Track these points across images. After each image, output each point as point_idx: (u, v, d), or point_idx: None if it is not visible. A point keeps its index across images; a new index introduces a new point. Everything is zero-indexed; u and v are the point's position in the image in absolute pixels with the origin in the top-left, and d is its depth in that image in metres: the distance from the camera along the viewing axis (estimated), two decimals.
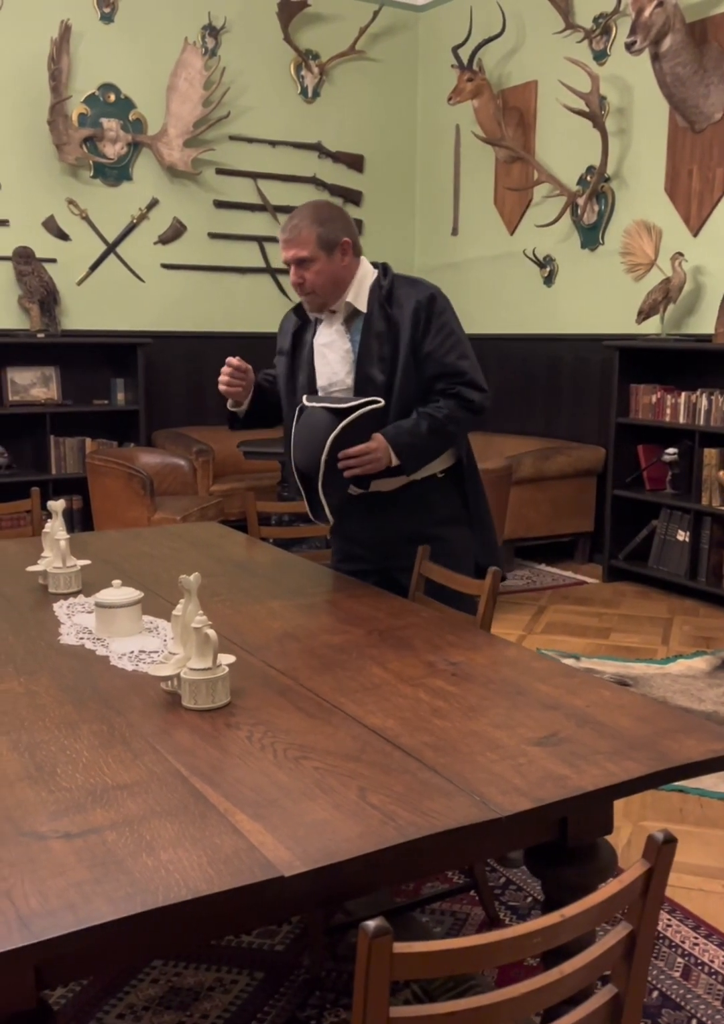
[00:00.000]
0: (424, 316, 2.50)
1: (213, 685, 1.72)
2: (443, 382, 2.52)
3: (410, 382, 2.52)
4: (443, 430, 2.51)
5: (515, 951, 1.06)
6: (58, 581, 2.46)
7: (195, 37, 6.27)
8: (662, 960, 2.25)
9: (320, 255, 2.49)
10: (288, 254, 2.51)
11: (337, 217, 2.55)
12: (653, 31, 4.88)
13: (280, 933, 2.33)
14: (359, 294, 2.56)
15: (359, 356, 2.55)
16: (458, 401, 2.51)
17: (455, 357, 2.52)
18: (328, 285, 2.52)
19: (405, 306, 2.52)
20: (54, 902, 1.14)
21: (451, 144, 6.89)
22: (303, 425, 2.49)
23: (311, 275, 2.50)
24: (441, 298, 2.56)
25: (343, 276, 2.54)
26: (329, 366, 2.59)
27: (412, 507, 2.63)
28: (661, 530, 5.41)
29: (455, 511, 2.67)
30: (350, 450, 2.42)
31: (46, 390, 6.03)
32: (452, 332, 2.54)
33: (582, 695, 1.79)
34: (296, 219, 2.52)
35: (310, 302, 2.57)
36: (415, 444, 2.49)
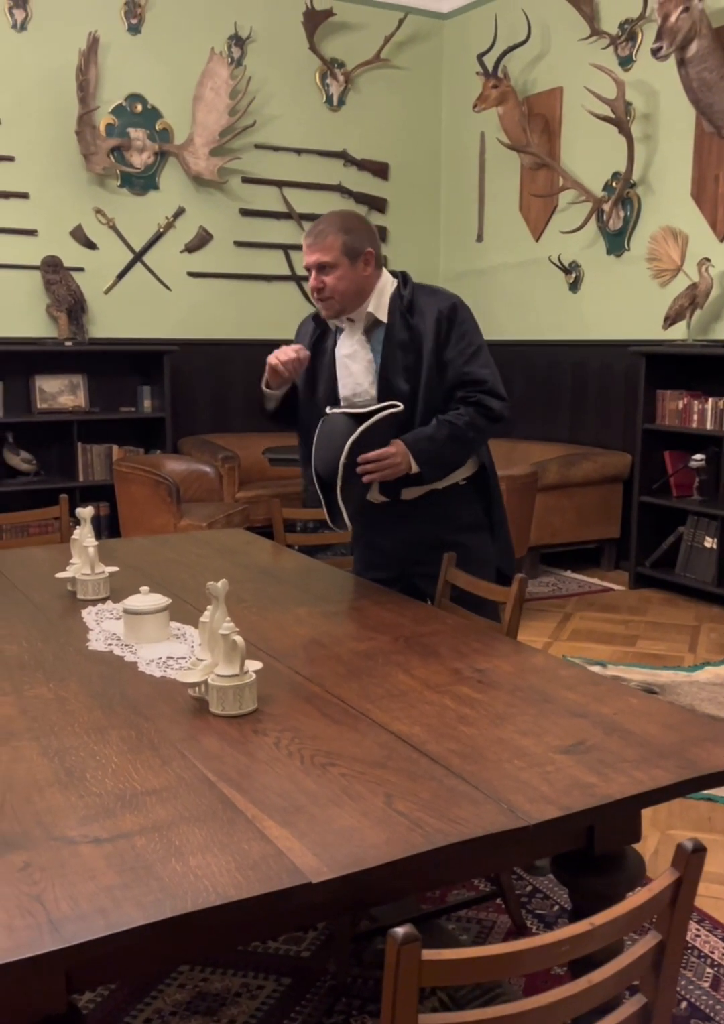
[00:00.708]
0: (446, 325, 2.51)
1: (240, 691, 1.73)
2: (463, 390, 2.53)
3: (434, 391, 2.53)
4: (463, 437, 2.52)
5: (543, 959, 1.06)
6: (86, 587, 2.48)
7: (221, 47, 6.31)
8: (691, 970, 2.24)
9: (343, 261, 2.50)
10: (311, 258, 2.53)
11: (363, 228, 2.57)
12: (679, 36, 4.86)
13: (306, 939, 2.33)
14: (380, 304, 2.57)
15: (382, 366, 2.56)
16: (478, 409, 2.52)
17: (476, 366, 2.53)
18: (349, 292, 2.53)
19: (427, 315, 2.53)
20: (85, 906, 1.16)
21: (476, 151, 6.89)
22: (323, 431, 2.51)
23: (332, 280, 2.51)
24: (462, 307, 2.57)
25: (364, 286, 2.55)
26: (352, 377, 2.60)
27: (434, 515, 2.64)
28: (688, 537, 5.38)
29: (477, 518, 2.68)
30: (369, 454, 2.43)
31: (74, 398, 6.08)
32: (472, 341, 2.55)
33: (609, 703, 1.79)
34: (322, 224, 2.54)
35: (327, 308, 2.57)
36: (434, 451, 2.50)
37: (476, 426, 2.52)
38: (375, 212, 6.94)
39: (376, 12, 6.73)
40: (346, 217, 2.59)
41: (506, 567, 2.77)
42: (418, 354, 2.53)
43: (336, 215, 2.59)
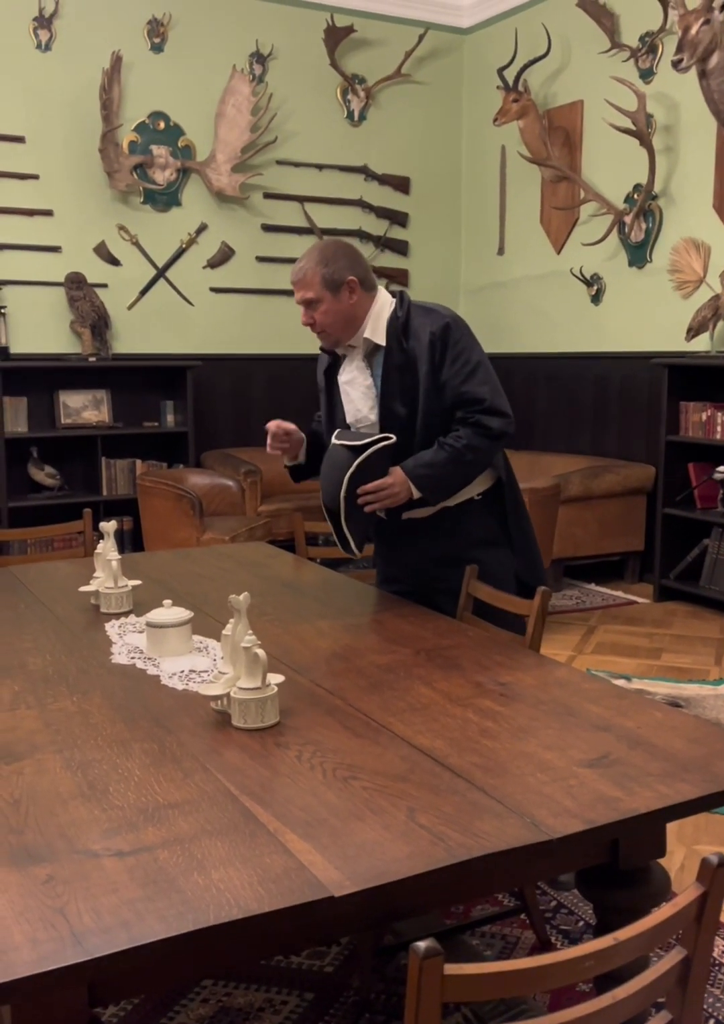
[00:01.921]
0: (440, 346, 2.48)
1: (262, 704, 1.73)
2: (462, 410, 2.50)
3: (433, 413, 2.51)
4: (463, 459, 2.49)
5: (567, 975, 1.05)
6: (110, 601, 2.49)
7: (243, 64, 6.36)
8: (718, 987, 2.21)
9: (325, 295, 2.51)
10: (297, 296, 2.56)
11: (341, 256, 2.54)
12: (700, 49, 4.85)
13: (330, 954, 2.32)
14: (377, 328, 2.55)
15: (383, 390, 2.55)
16: (476, 429, 2.49)
17: (473, 384, 2.49)
18: (338, 323, 2.54)
19: (421, 337, 2.50)
20: (107, 919, 1.16)
21: (497, 164, 6.90)
22: (326, 463, 2.55)
23: (319, 315, 2.53)
24: (456, 326, 2.52)
25: (353, 314, 2.54)
26: (353, 403, 2.61)
27: (448, 531, 2.62)
28: (713, 549, 5.34)
29: (492, 533, 2.66)
30: (367, 486, 2.45)
31: (97, 413, 6.12)
32: (469, 360, 2.51)
33: (634, 716, 1.78)
34: (302, 262, 2.55)
35: (323, 340, 2.61)
36: (434, 475, 2.49)
37: (475, 447, 2.49)
38: (396, 226, 6.96)
39: (397, 28, 6.77)
40: (324, 249, 2.56)
41: (533, 581, 2.72)
42: (414, 377, 2.51)
43: (316, 249, 2.58)
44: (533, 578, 2.69)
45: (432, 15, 6.87)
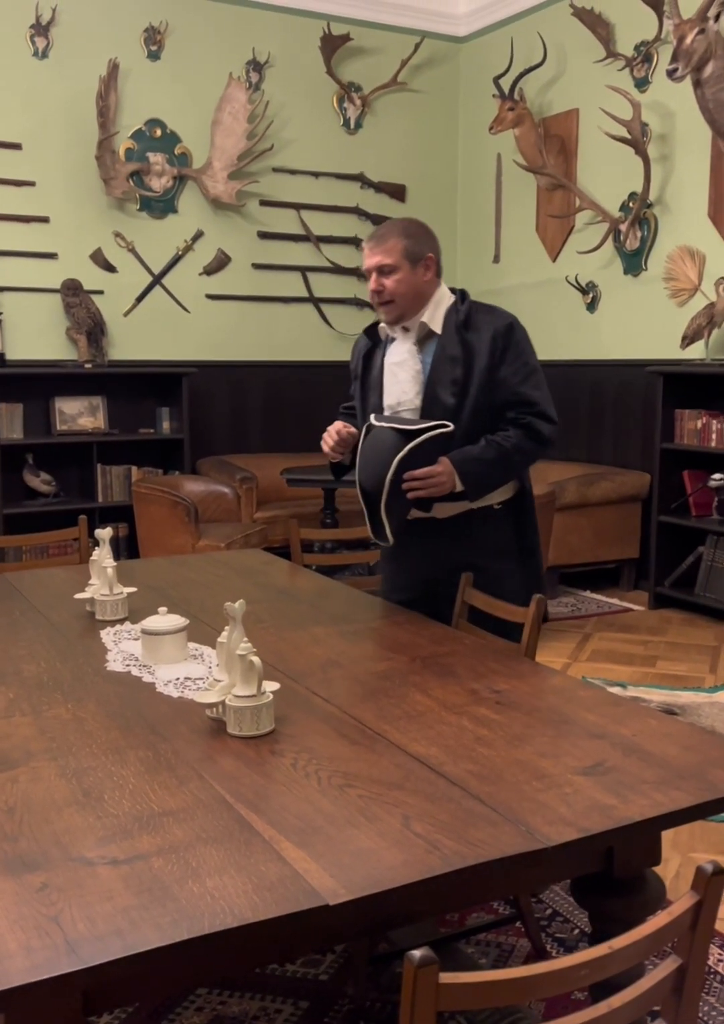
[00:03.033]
0: (501, 344, 2.50)
1: (258, 712, 1.73)
2: (514, 411, 2.51)
3: (481, 408, 2.51)
4: (510, 460, 2.50)
5: (562, 983, 1.05)
6: (105, 608, 2.49)
7: (239, 72, 6.37)
8: (713, 996, 2.21)
9: (404, 264, 2.51)
10: (372, 260, 2.54)
11: (425, 234, 2.58)
12: (695, 58, 4.87)
13: (324, 962, 2.32)
14: (435, 315, 2.57)
15: (430, 377, 2.54)
16: (527, 431, 2.51)
17: (529, 387, 2.52)
18: (408, 296, 2.53)
19: (483, 332, 2.52)
20: (102, 927, 1.16)
21: (492, 173, 6.92)
22: (369, 444, 2.49)
23: (392, 283, 2.52)
24: (519, 327, 2.56)
25: (424, 291, 2.55)
26: (399, 385, 2.59)
27: (464, 536, 2.60)
28: (708, 556, 5.35)
29: (507, 545, 2.64)
30: (415, 472, 2.42)
31: (93, 419, 6.12)
32: (527, 362, 2.54)
33: (628, 724, 1.78)
34: (384, 229, 2.56)
35: (387, 311, 2.57)
36: (480, 471, 2.49)
37: (523, 449, 2.51)
38: None
39: (393, 36, 6.79)
40: (409, 222, 2.60)
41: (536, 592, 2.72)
42: (469, 369, 2.51)
43: (400, 220, 2.63)
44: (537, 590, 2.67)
45: (428, 24, 6.89)
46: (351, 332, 6.92)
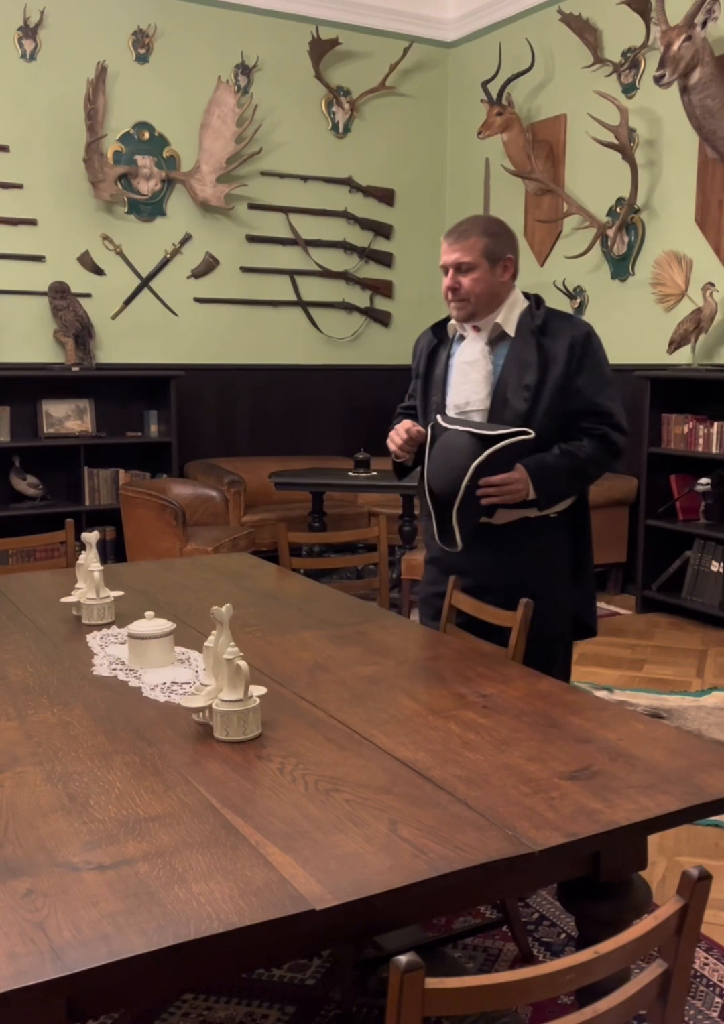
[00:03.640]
0: (580, 352, 2.47)
1: (244, 716, 1.72)
2: (589, 421, 2.48)
3: (552, 415, 2.47)
4: (584, 471, 2.48)
5: (547, 988, 1.05)
6: (91, 612, 2.48)
7: (228, 76, 6.37)
8: (699, 1000, 2.22)
9: (483, 263, 2.48)
10: (450, 256, 2.50)
11: (506, 234, 2.55)
12: (682, 64, 4.90)
13: (311, 967, 2.32)
14: (509, 318, 2.53)
15: (500, 381, 2.50)
16: (602, 443, 2.48)
17: (604, 397, 2.49)
18: (484, 295, 2.49)
19: (559, 339, 2.48)
20: (87, 933, 1.15)
21: (481, 177, 6.94)
22: (442, 447, 2.45)
23: (468, 281, 2.48)
24: (596, 337, 2.53)
25: (499, 292, 2.52)
26: (469, 384, 2.53)
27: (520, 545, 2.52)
28: (694, 561, 5.37)
29: (560, 556, 2.57)
30: (493, 478, 2.37)
31: (80, 422, 6.10)
32: (603, 372, 2.51)
33: (615, 728, 1.78)
34: (466, 225, 2.52)
35: (459, 309, 2.52)
36: (554, 480, 2.45)
37: (597, 460, 2.48)
38: (381, 238, 6.99)
39: (381, 41, 6.80)
40: (490, 221, 2.58)
41: (589, 618, 2.67)
42: (543, 375, 2.46)
43: (481, 217, 2.59)
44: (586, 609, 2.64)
45: (417, 29, 6.90)
46: (339, 336, 6.93)
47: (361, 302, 7.01)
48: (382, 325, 7.10)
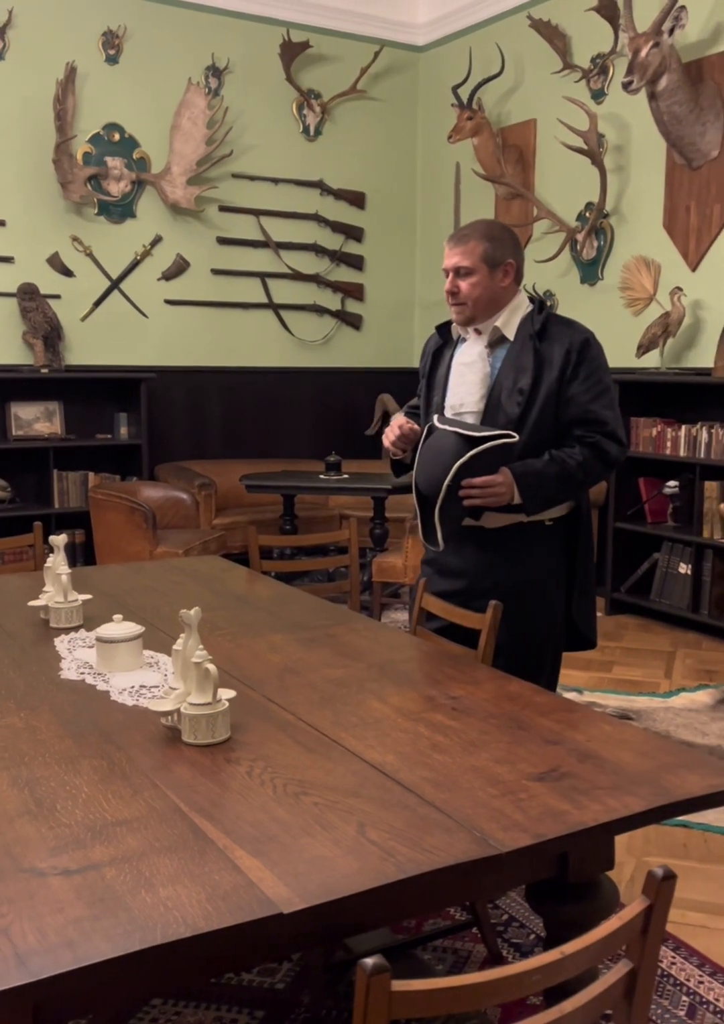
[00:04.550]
0: (575, 358, 2.44)
1: (213, 720, 1.72)
2: (582, 428, 2.45)
3: (545, 420, 2.45)
4: (573, 478, 2.44)
5: (514, 989, 1.05)
6: (59, 616, 2.46)
7: (198, 78, 6.36)
8: (667, 999, 2.23)
9: (482, 268, 2.48)
10: (450, 260, 2.50)
11: (508, 238, 2.54)
12: (650, 71, 4.94)
13: (280, 971, 2.31)
14: (510, 322, 2.52)
15: (496, 384, 2.49)
16: (594, 451, 2.45)
17: (600, 405, 2.45)
18: (482, 300, 2.49)
19: (556, 344, 2.46)
20: (53, 939, 1.14)
21: (451, 181, 6.96)
22: (430, 446, 2.45)
23: (467, 286, 2.49)
24: (595, 344, 2.50)
25: (499, 296, 2.51)
26: (465, 386, 2.53)
27: (511, 551, 2.52)
28: (663, 563, 5.41)
29: (556, 565, 2.55)
30: (474, 480, 2.37)
31: (49, 424, 6.06)
32: (601, 380, 2.47)
33: (583, 729, 1.79)
34: (467, 229, 2.53)
35: (458, 313, 2.53)
36: (541, 486, 2.43)
37: (588, 469, 2.45)
38: (352, 241, 6.99)
39: (352, 44, 6.81)
40: (492, 225, 2.57)
41: (589, 630, 2.63)
42: (538, 380, 2.45)
43: (483, 222, 2.59)
44: (583, 620, 2.62)
45: (387, 33, 6.92)
46: (310, 338, 6.93)
47: (332, 305, 7.01)
48: (353, 328, 7.10)
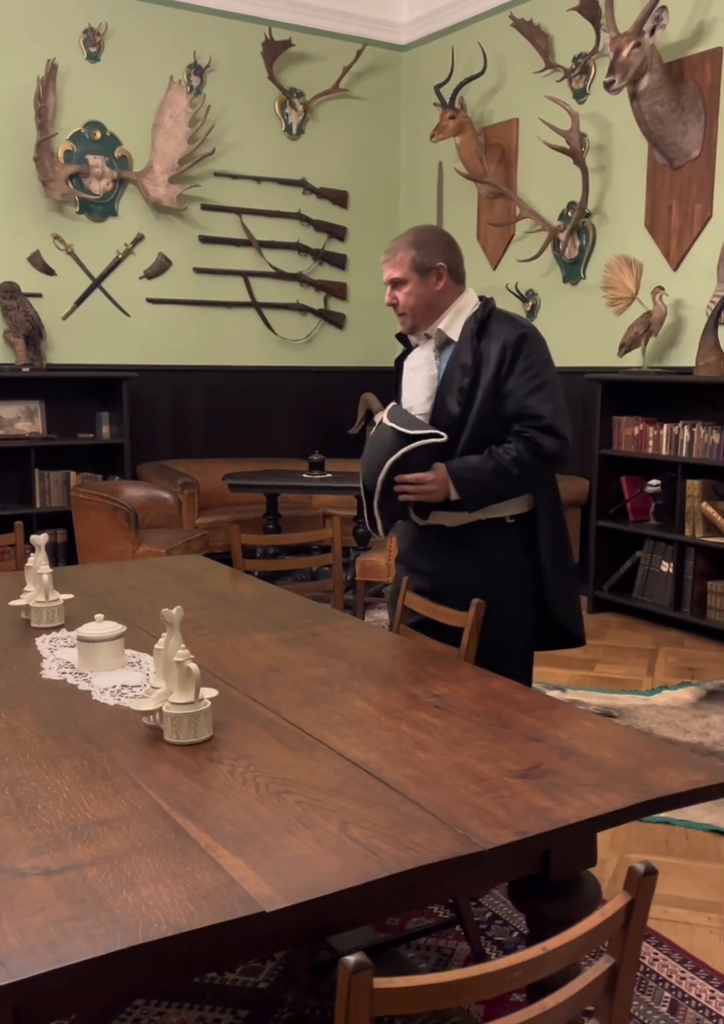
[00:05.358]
0: (511, 354, 2.46)
1: (195, 719, 1.71)
2: (520, 423, 2.47)
3: (486, 418, 2.48)
4: (507, 473, 2.45)
5: (496, 985, 1.05)
6: (41, 615, 2.45)
7: (180, 76, 6.34)
8: (649, 995, 2.24)
9: (413, 277, 2.53)
10: (385, 274, 2.58)
11: (436, 243, 2.57)
12: (631, 71, 4.96)
13: (264, 970, 2.31)
14: (453, 323, 2.55)
15: (441, 385, 2.54)
16: (529, 445, 2.45)
17: (537, 400, 2.46)
18: (420, 307, 2.54)
19: (493, 341, 2.49)
20: (33, 940, 1.14)
21: (434, 180, 6.97)
22: (373, 439, 2.53)
23: (403, 296, 2.55)
24: (533, 339, 2.51)
25: (436, 301, 2.54)
26: (412, 390, 2.59)
27: (475, 549, 2.55)
28: (645, 561, 5.43)
29: (524, 561, 2.57)
30: (406, 476, 2.45)
31: (31, 424, 6.03)
32: (538, 374, 2.48)
33: (565, 727, 1.80)
34: (396, 241, 2.58)
35: (402, 323, 2.61)
36: (477, 481, 2.45)
37: (522, 462, 2.44)
38: (335, 240, 6.99)
39: (334, 43, 6.80)
40: (419, 232, 2.60)
41: (574, 626, 2.65)
42: (476, 379, 2.48)
43: (412, 230, 2.62)
44: (566, 616, 2.63)
45: (370, 31, 6.92)
46: (293, 337, 6.92)
47: (315, 304, 7.01)
48: (336, 327, 7.10)
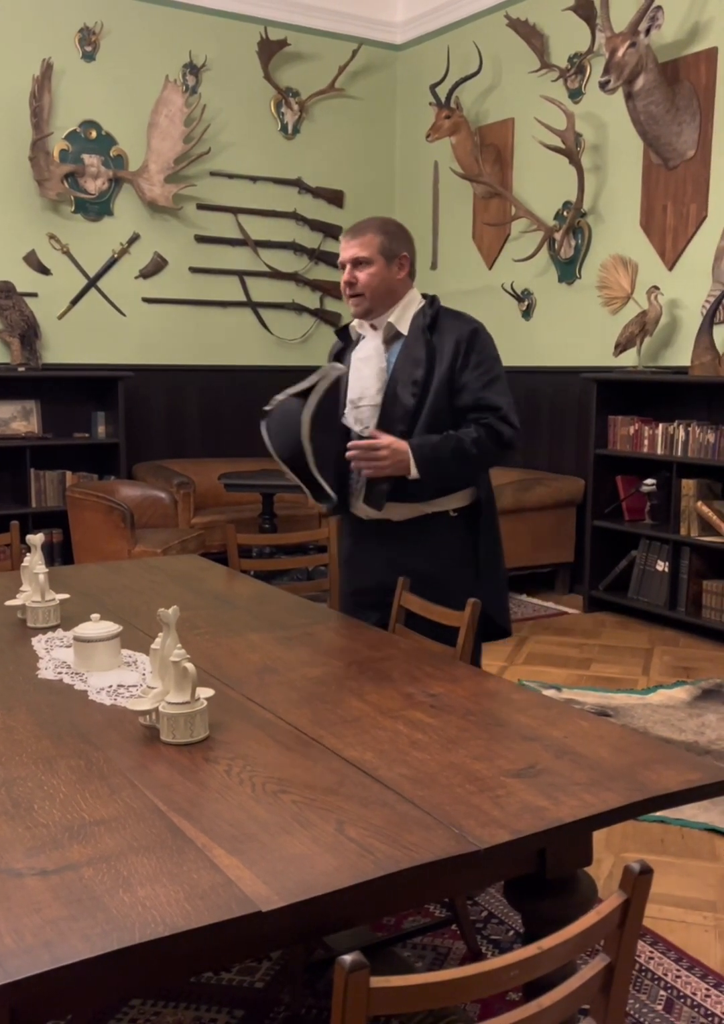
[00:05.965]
0: (464, 348, 2.55)
1: (191, 719, 1.71)
2: (476, 414, 2.55)
3: (440, 409, 2.55)
4: (467, 453, 2.52)
5: (492, 984, 1.06)
6: (37, 615, 2.45)
7: (176, 75, 6.33)
8: (644, 993, 2.25)
9: (379, 259, 2.57)
10: (348, 252, 2.59)
11: (402, 234, 2.64)
12: (626, 71, 4.97)
13: (260, 970, 2.31)
14: (403, 317, 2.62)
15: (392, 377, 2.58)
16: (488, 431, 2.53)
17: (492, 392, 2.55)
18: (379, 290, 2.58)
19: (446, 336, 2.57)
20: (29, 940, 1.14)
21: (429, 180, 6.97)
22: (275, 418, 2.54)
23: (365, 276, 2.57)
24: (484, 333, 2.62)
25: (395, 288, 2.60)
26: (361, 381, 2.62)
27: (419, 542, 2.62)
28: (640, 560, 5.44)
29: (464, 554, 2.65)
30: (359, 443, 2.50)
31: (26, 423, 6.02)
32: (491, 369, 2.58)
33: (561, 726, 1.80)
34: (363, 223, 2.63)
35: (357, 304, 2.61)
36: (438, 459, 2.51)
37: (482, 446, 2.53)
38: (330, 239, 6.99)
39: (330, 42, 6.80)
40: (387, 221, 2.67)
41: (501, 618, 2.70)
42: (430, 372, 2.55)
43: (378, 217, 2.70)
44: (495, 609, 2.66)
45: (365, 31, 6.92)
46: (289, 337, 6.92)
47: (311, 303, 7.01)
48: (332, 327, 7.09)
